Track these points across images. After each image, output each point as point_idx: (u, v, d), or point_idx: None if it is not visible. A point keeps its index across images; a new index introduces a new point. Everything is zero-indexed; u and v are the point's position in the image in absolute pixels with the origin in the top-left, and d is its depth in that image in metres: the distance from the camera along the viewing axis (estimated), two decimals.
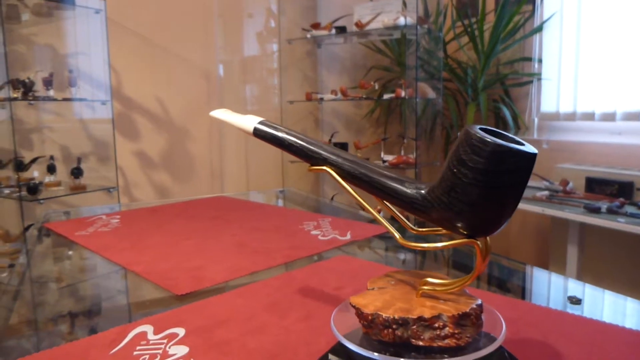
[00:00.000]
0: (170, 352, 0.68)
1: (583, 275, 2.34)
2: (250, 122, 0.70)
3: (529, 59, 2.86)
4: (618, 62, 2.44)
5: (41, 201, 2.33)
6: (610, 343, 0.65)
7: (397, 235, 0.60)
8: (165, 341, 0.71)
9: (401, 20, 2.77)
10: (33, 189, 2.34)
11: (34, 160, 2.50)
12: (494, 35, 2.83)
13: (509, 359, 0.56)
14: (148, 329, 0.75)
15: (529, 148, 0.49)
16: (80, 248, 1.17)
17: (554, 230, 2.57)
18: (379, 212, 0.62)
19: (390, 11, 2.92)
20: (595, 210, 2.15)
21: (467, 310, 0.51)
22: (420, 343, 0.51)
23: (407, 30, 2.85)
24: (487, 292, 0.87)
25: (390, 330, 0.52)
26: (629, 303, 0.80)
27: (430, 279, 0.57)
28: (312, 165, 0.65)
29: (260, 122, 0.70)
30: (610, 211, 2.14)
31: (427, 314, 0.51)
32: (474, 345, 0.52)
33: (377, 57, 3.40)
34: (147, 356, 0.67)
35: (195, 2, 3.05)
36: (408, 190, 0.57)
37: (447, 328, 0.50)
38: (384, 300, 0.56)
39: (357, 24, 2.96)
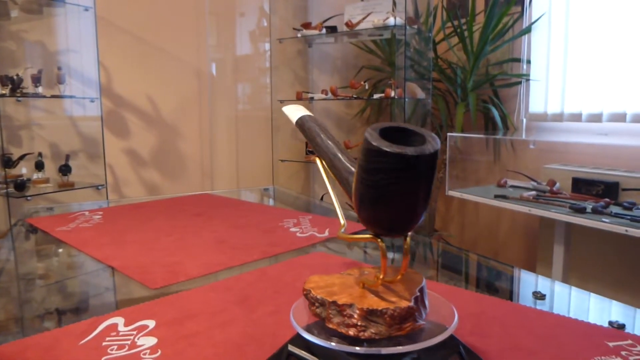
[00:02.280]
0: (139, 342, 0.69)
1: (569, 274, 2.36)
2: (295, 114, 0.74)
3: (518, 60, 2.88)
4: (605, 64, 2.47)
5: (28, 198, 2.34)
6: (569, 335, 0.67)
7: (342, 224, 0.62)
8: (135, 332, 0.72)
9: (391, 21, 2.79)
10: (20, 185, 2.34)
11: (22, 157, 2.50)
12: (483, 36, 2.85)
13: (463, 349, 0.57)
14: (119, 320, 0.76)
15: (414, 151, 0.47)
16: (59, 243, 1.18)
17: (542, 230, 2.59)
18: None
19: (380, 11, 2.94)
20: (581, 211, 2.17)
21: (379, 309, 0.52)
22: (330, 325, 0.54)
23: (397, 30, 2.86)
24: (456, 287, 0.89)
25: (313, 307, 0.56)
26: (593, 298, 0.82)
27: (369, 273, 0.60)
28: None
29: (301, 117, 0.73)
30: (596, 211, 2.16)
31: (341, 301, 0.53)
32: (427, 333, 0.53)
33: (367, 57, 3.42)
34: (116, 346, 0.68)
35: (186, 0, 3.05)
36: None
37: (354, 319, 0.52)
38: (333, 283, 0.59)
39: (347, 24, 2.98)
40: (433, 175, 0.50)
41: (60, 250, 1.16)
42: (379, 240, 0.55)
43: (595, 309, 0.80)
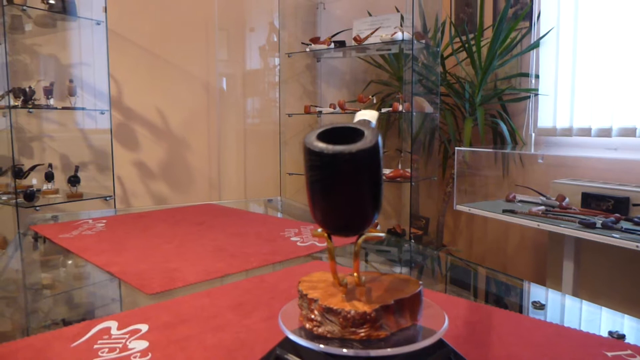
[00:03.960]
0: (130, 346, 0.68)
1: (579, 290, 2.32)
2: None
3: (526, 75, 2.87)
4: (614, 78, 2.45)
5: (37, 208, 2.36)
6: (566, 345, 0.65)
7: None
8: (127, 336, 0.71)
9: (399, 35, 2.80)
10: (30, 196, 2.36)
11: (32, 168, 2.53)
12: (491, 51, 2.85)
13: (454, 357, 0.56)
14: (112, 324, 0.76)
15: (332, 149, 0.47)
16: (60, 249, 1.19)
17: (551, 245, 2.56)
18: None
19: (388, 26, 2.96)
20: (591, 226, 2.14)
21: (335, 308, 0.52)
22: (299, 317, 0.57)
23: (405, 45, 2.88)
24: (453, 296, 0.87)
25: (299, 299, 0.57)
26: (590, 307, 0.80)
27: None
28: None
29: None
30: (605, 226, 2.12)
31: (311, 295, 0.55)
32: (415, 337, 0.52)
33: (376, 72, 3.43)
34: (107, 349, 0.68)
35: (196, 15, 3.10)
36: None
37: (314, 313, 0.54)
38: (324, 280, 0.60)
39: (355, 39, 3.00)
40: (359, 175, 0.49)
41: (61, 256, 1.16)
42: (328, 239, 0.55)
43: (595, 319, 0.78)
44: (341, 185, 0.49)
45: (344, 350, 0.51)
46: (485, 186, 3.10)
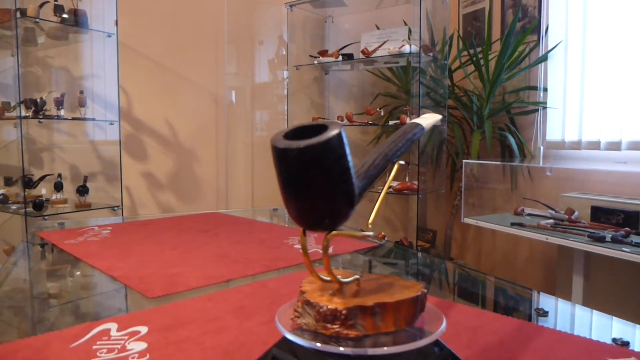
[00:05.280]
0: (129, 347, 0.68)
1: (589, 304, 2.28)
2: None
3: (534, 88, 2.86)
4: (623, 91, 2.43)
5: (45, 217, 2.38)
6: (568, 352, 0.64)
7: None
8: (126, 337, 0.71)
9: (406, 48, 2.81)
10: (38, 205, 2.38)
11: (42, 178, 2.55)
12: (499, 64, 2.85)
13: (450, 357, 0.55)
14: (112, 326, 0.76)
15: (285, 144, 0.49)
16: (65, 254, 1.19)
17: (560, 259, 2.53)
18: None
19: (396, 39, 2.97)
20: (600, 239, 2.11)
21: (312, 302, 0.55)
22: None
23: (412, 58, 2.89)
24: (456, 303, 0.86)
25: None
26: (595, 316, 0.79)
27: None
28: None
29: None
30: (615, 240, 2.10)
31: (303, 288, 0.58)
32: (412, 338, 0.52)
33: (384, 84, 3.44)
34: (105, 350, 0.67)
35: (206, 28, 3.14)
36: None
37: (298, 305, 0.57)
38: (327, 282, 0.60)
39: (363, 52, 3.01)
40: (310, 170, 0.50)
41: (65, 260, 1.17)
42: (302, 233, 0.57)
43: (600, 326, 0.77)
44: (295, 179, 0.51)
45: (341, 348, 0.51)
46: (493, 199, 3.08)
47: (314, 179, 0.50)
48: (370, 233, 0.61)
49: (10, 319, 0.84)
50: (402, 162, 0.68)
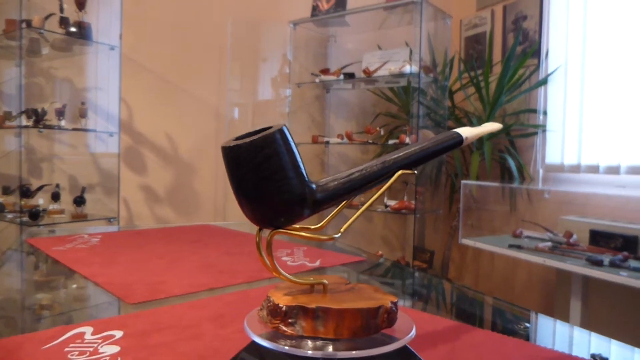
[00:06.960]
0: (101, 350, 0.67)
1: (586, 327, 2.25)
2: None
3: (534, 111, 2.87)
4: (622, 116, 2.44)
5: (41, 227, 2.37)
6: None
7: None
8: (99, 341, 0.70)
9: (407, 69, 2.83)
10: (34, 215, 2.38)
11: (40, 188, 2.56)
12: (499, 87, 2.87)
13: None
14: (87, 329, 0.74)
15: (225, 144, 0.53)
16: (51, 260, 1.18)
17: (559, 282, 2.50)
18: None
19: (397, 60, 2.99)
20: (598, 263, 2.09)
21: (268, 296, 0.58)
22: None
23: (413, 78, 2.90)
24: (436, 316, 0.85)
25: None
26: (577, 332, 0.77)
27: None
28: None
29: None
30: (613, 264, 2.07)
31: (279, 285, 0.62)
32: (381, 343, 0.51)
33: (385, 105, 3.46)
34: (77, 352, 0.66)
35: (210, 44, 3.17)
36: None
37: (265, 299, 0.59)
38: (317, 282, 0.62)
39: (365, 71, 3.04)
40: (241, 168, 0.53)
41: (49, 266, 1.16)
42: (257, 231, 0.60)
43: (582, 343, 0.75)
44: (231, 177, 0.55)
45: (309, 352, 0.50)
46: (491, 221, 3.06)
47: (246, 178, 0.53)
48: (337, 235, 0.62)
49: None
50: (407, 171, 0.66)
